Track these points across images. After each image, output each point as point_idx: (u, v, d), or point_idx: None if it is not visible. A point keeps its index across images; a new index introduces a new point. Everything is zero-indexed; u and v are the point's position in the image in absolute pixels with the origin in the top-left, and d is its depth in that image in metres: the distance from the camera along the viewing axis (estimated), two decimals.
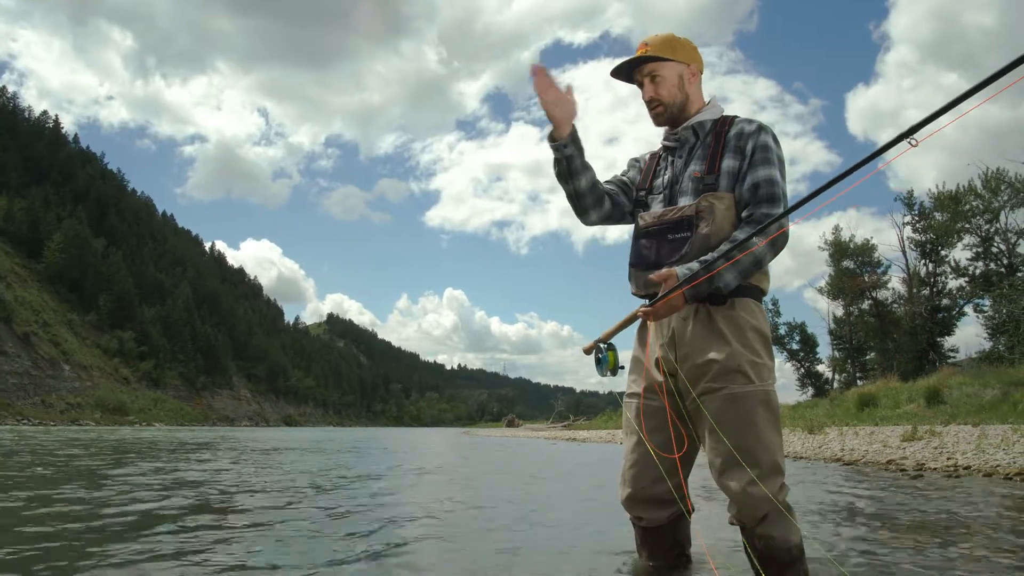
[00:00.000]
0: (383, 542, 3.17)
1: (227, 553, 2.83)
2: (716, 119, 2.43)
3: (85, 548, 2.88)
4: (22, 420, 50.19)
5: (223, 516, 3.99)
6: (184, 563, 2.62)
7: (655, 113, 2.45)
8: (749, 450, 2.12)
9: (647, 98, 2.44)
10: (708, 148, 2.37)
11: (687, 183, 2.35)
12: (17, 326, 67.41)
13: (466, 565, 2.79)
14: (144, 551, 2.85)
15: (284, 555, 2.82)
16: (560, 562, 2.83)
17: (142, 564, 2.61)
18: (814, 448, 11.34)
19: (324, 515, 4.07)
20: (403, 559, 2.82)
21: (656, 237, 2.35)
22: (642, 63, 2.42)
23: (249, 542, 3.12)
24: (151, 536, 3.24)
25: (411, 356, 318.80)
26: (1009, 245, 27.51)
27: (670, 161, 2.47)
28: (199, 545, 3.01)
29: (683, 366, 2.25)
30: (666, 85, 2.41)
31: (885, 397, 19.36)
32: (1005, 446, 8.11)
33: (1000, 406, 13.67)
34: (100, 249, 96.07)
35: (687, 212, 2.29)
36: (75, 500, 4.55)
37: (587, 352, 2.40)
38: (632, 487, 2.39)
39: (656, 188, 2.47)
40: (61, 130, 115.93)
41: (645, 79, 2.43)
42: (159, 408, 79.08)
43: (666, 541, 2.45)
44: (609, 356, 2.32)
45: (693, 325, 2.26)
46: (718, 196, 2.27)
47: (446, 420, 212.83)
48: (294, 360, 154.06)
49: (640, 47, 2.43)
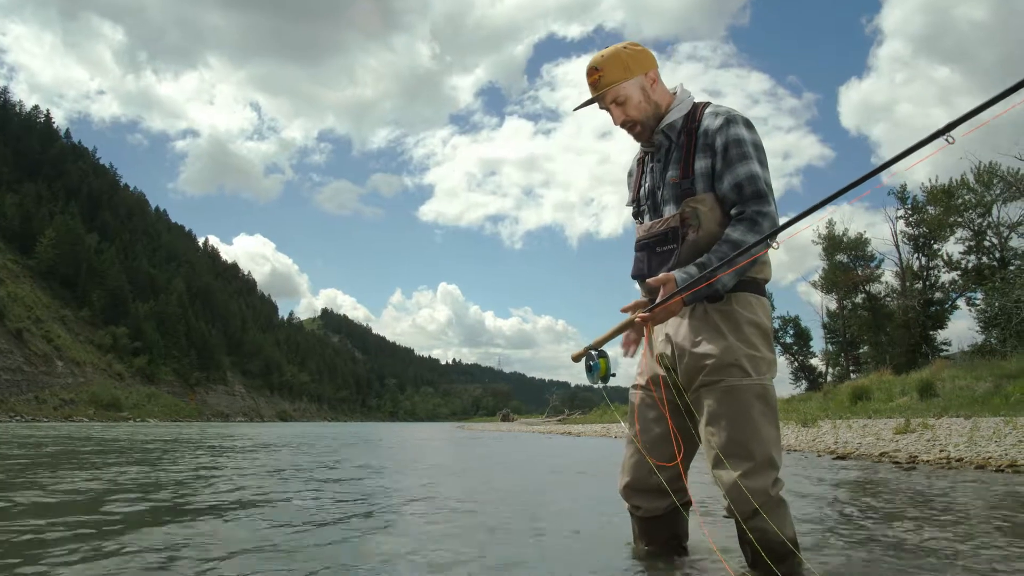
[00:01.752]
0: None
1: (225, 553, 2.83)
2: (686, 114, 2.41)
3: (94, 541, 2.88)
4: (15, 416, 50.02)
5: (216, 517, 3.99)
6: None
7: (634, 134, 2.47)
8: (743, 443, 2.14)
9: (619, 123, 2.45)
10: (682, 149, 2.37)
11: (667, 190, 2.37)
12: (10, 322, 67.11)
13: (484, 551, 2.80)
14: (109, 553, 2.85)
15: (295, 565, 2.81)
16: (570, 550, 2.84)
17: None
18: (808, 441, 11.42)
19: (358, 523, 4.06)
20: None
21: (647, 250, 2.41)
22: (601, 95, 2.41)
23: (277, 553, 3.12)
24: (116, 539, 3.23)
25: (406, 351, 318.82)
26: (1001, 239, 27.68)
27: (650, 168, 2.49)
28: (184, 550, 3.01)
29: (681, 362, 2.28)
30: (632, 104, 2.40)
31: (878, 390, 19.47)
32: (997, 438, 8.18)
33: (992, 399, 13.77)
34: (93, 245, 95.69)
35: (672, 223, 2.32)
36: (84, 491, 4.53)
37: (576, 359, 2.36)
38: (631, 476, 2.43)
39: (641, 198, 2.51)
40: (53, 125, 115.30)
41: (610, 106, 2.43)
42: (153, 404, 78.93)
43: (664, 532, 2.48)
44: (601, 363, 2.30)
45: (689, 321, 2.29)
46: (699, 200, 2.28)
47: (441, 415, 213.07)
48: (288, 355, 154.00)
49: (592, 74, 2.40)
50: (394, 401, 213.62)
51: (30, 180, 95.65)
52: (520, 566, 2.58)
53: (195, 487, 5.28)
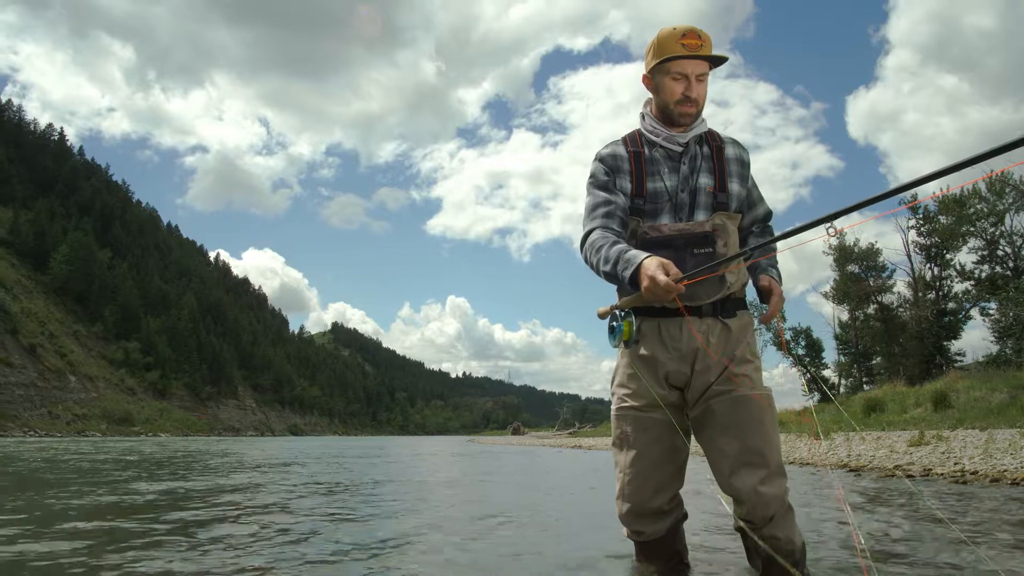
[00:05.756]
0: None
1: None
2: (708, 131, 2.42)
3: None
4: (28, 432, 50.31)
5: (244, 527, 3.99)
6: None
7: (684, 112, 2.31)
8: (758, 450, 2.16)
9: (691, 95, 2.29)
10: (710, 162, 2.37)
11: (702, 196, 2.32)
12: (23, 337, 67.70)
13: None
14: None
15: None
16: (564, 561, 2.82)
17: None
18: (821, 454, 11.30)
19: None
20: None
21: (682, 250, 2.26)
22: (705, 60, 2.28)
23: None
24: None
25: (416, 364, 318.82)
26: (1015, 248, 27.42)
27: (670, 166, 2.35)
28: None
29: (701, 378, 2.27)
30: (705, 88, 2.33)
31: (892, 402, 19.29)
32: (1013, 451, 8.06)
33: (1008, 410, 13.59)
34: (106, 260, 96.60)
35: (707, 228, 2.28)
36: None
37: (601, 316, 2.33)
38: (632, 501, 2.36)
39: (657, 195, 2.33)
40: (66, 142, 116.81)
41: (691, 75, 2.28)
42: (165, 418, 79.24)
43: (666, 552, 2.45)
44: (624, 326, 2.21)
45: (716, 340, 2.28)
46: (730, 216, 2.33)
47: (451, 428, 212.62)
48: (299, 369, 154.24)
49: (694, 37, 2.25)
50: (404, 415, 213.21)
51: (44, 197, 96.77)
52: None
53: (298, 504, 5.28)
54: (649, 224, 2.32)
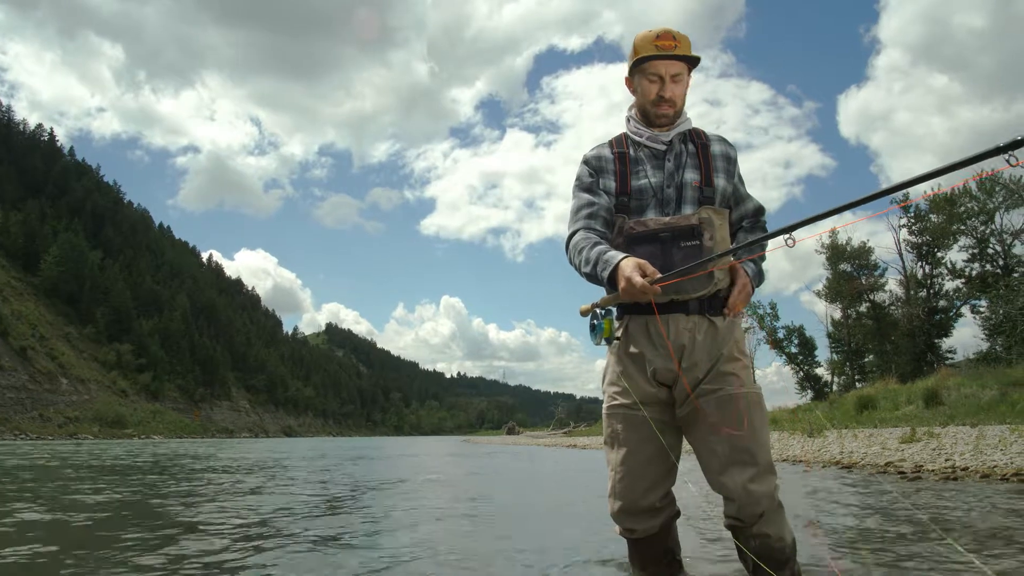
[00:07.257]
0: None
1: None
2: (692, 129, 2.43)
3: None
4: (20, 435, 49.98)
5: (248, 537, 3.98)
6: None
7: (661, 113, 2.34)
8: (747, 448, 2.17)
9: (666, 96, 2.32)
10: (695, 158, 2.38)
11: (688, 191, 2.34)
12: (14, 340, 67.22)
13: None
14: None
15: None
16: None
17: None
18: (813, 451, 11.35)
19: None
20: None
21: (669, 244, 2.28)
22: (678, 60, 2.30)
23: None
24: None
25: (410, 365, 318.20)
26: (1004, 246, 27.62)
27: (655, 164, 2.38)
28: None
29: (689, 375, 2.27)
30: (682, 88, 2.35)
31: (884, 399, 19.37)
32: (1002, 447, 8.13)
33: (998, 407, 13.69)
34: (97, 261, 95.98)
35: (692, 221, 2.29)
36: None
37: (583, 314, 2.38)
38: (624, 499, 2.36)
39: (642, 191, 2.35)
40: (56, 143, 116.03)
41: (666, 76, 2.31)
42: (158, 421, 78.84)
43: (659, 549, 2.45)
44: (605, 324, 2.28)
45: (703, 337, 2.29)
46: (716, 211, 2.32)
47: (446, 428, 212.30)
48: (293, 370, 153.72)
49: (668, 39, 2.29)
50: (399, 415, 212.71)
51: (34, 198, 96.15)
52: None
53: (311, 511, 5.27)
54: (635, 220, 2.33)
